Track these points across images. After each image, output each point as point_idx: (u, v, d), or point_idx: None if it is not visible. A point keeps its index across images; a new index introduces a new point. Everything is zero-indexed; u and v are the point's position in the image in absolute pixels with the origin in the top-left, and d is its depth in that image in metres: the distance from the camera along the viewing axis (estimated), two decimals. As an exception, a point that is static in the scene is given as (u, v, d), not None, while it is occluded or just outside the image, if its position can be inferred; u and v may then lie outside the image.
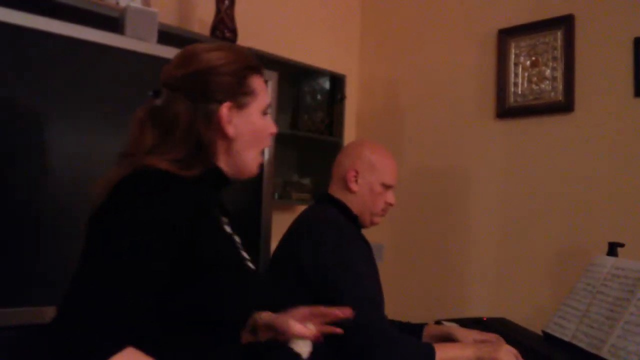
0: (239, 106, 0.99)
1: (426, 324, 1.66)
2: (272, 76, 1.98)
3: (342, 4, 2.89)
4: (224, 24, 2.07)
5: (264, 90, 1.04)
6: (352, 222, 1.57)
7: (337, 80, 2.60)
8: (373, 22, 2.95)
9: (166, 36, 1.74)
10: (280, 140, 2.33)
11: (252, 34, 2.29)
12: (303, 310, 1.13)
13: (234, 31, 2.10)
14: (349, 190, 1.59)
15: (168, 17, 2.11)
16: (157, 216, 0.83)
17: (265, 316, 1.15)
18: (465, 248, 2.43)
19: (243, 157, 1.02)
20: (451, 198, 2.50)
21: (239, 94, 0.99)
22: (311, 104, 2.60)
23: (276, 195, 2.37)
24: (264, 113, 1.04)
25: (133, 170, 0.89)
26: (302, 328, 1.05)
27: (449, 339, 1.54)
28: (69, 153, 1.46)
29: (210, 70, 0.97)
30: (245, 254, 1.04)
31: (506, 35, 2.35)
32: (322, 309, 1.12)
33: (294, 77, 2.59)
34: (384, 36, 2.88)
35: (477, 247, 2.40)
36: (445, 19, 2.61)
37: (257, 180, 1.95)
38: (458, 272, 2.45)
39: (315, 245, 1.41)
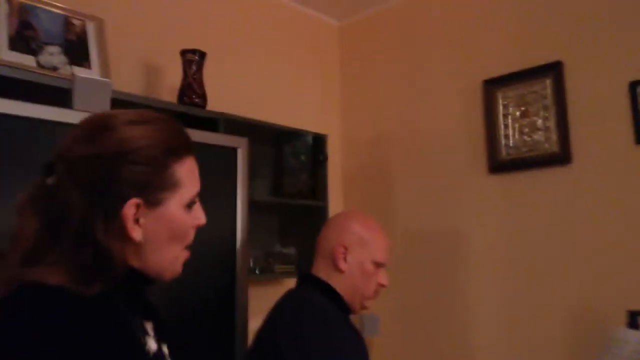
0: (152, 203, 0.79)
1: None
2: (241, 142, 1.83)
3: (319, 60, 2.81)
4: (191, 90, 1.95)
5: (192, 176, 0.84)
6: (338, 307, 1.38)
7: (319, 141, 2.47)
8: (353, 77, 2.85)
9: (129, 106, 1.61)
10: (259, 208, 2.17)
11: (223, 97, 2.18)
12: None
13: (202, 96, 1.98)
14: (337, 269, 1.40)
15: (135, 85, 2.00)
16: None
17: None
18: (468, 316, 2.22)
19: (157, 261, 0.82)
20: (448, 262, 2.31)
21: (154, 189, 0.79)
22: (295, 165, 2.44)
23: (257, 270, 2.18)
24: (190, 204, 0.84)
25: (6, 289, 0.69)
26: None
27: None
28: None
29: (121, 155, 0.77)
30: None
31: (491, 85, 2.23)
32: None
33: (274, 139, 2.45)
34: (366, 91, 2.77)
35: (481, 314, 2.19)
36: (428, 72, 2.50)
37: (229, 254, 1.77)
38: (461, 343, 2.22)
39: (297, 341, 1.22)
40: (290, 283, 2.31)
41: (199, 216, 0.87)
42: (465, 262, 2.26)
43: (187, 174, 0.83)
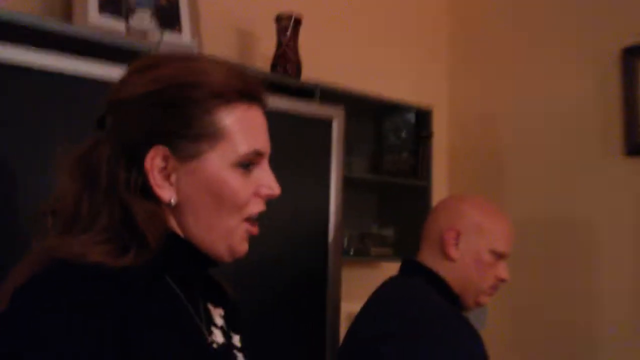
0: (182, 155, 0.65)
1: None
2: (337, 113, 1.69)
3: (426, 26, 2.58)
4: (285, 58, 1.84)
5: (246, 130, 0.68)
6: (450, 302, 1.20)
7: (423, 115, 2.27)
8: (464, 46, 2.58)
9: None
10: (355, 186, 2.03)
11: (319, 67, 2.04)
12: None
13: (297, 65, 1.86)
14: (447, 257, 1.23)
15: (227, 52, 1.92)
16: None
17: None
18: (590, 316, 1.93)
19: (203, 232, 0.68)
20: (569, 254, 2.02)
21: (184, 136, 0.65)
22: (395, 143, 2.28)
23: (351, 251, 2.05)
24: (244, 165, 0.68)
25: (40, 267, 0.60)
26: None
27: None
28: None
29: (148, 95, 0.65)
30: None
31: (632, 54, 1.89)
32: None
33: (373, 113, 2.30)
34: (476, 62, 2.50)
35: (606, 313, 1.89)
36: (552, 40, 2.19)
37: (322, 233, 1.65)
38: (583, 345, 1.94)
39: (404, 348, 1.06)
40: (387, 267, 2.17)
41: (265, 182, 0.70)
42: (589, 255, 1.96)
43: (238, 125, 0.67)
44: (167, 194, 0.66)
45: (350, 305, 1.83)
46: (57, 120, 1.20)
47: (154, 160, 0.65)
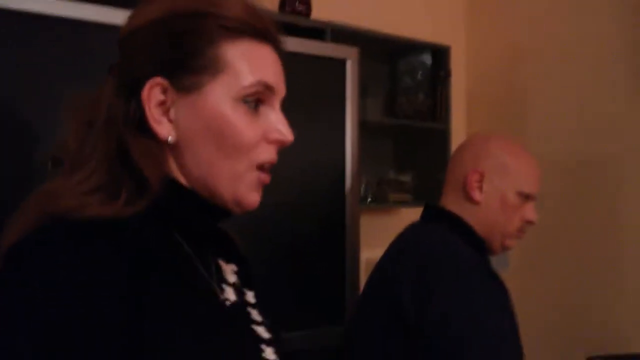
0: (182, 86, 0.60)
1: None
2: (351, 53, 1.60)
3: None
4: (294, -4, 1.74)
5: (251, 64, 0.61)
6: (476, 248, 1.15)
7: (440, 54, 2.17)
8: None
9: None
10: (370, 130, 1.96)
11: (330, 5, 1.93)
12: None
13: (306, 3, 1.76)
14: (470, 200, 1.17)
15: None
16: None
17: None
18: (616, 257, 1.88)
19: (205, 175, 0.62)
20: (596, 195, 1.95)
21: (185, 67, 0.60)
22: (410, 84, 2.20)
23: (369, 198, 2.00)
24: (248, 101, 0.61)
25: (34, 223, 0.55)
26: None
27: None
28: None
29: (151, 25, 0.60)
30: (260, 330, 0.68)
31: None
32: None
33: (387, 53, 2.20)
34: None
35: (634, 256, 1.83)
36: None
37: (338, 180, 1.60)
38: (607, 288, 1.90)
39: (425, 294, 1.03)
40: (406, 213, 2.13)
41: (275, 126, 0.63)
42: (616, 196, 1.89)
43: (244, 57, 0.61)
44: (165, 130, 0.61)
45: (369, 253, 1.81)
46: (70, 69, 1.15)
47: (152, 92, 0.60)
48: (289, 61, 0.71)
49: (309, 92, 1.52)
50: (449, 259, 1.08)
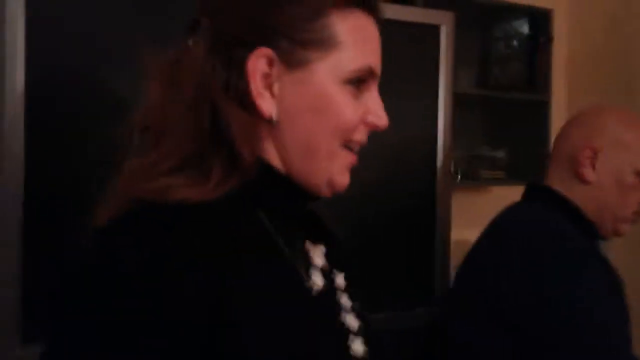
0: (291, 60, 0.57)
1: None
2: (445, 18, 1.50)
3: None
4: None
5: (361, 41, 0.59)
6: (584, 231, 1.06)
7: (540, 18, 2.02)
8: None
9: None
10: (461, 102, 1.85)
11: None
12: None
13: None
14: (581, 179, 1.08)
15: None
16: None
17: None
18: None
19: (302, 155, 0.59)
20: None
21: (295, 40, 0.56)
22: (505, 52, 2.07)
23: (459, 174, 1.90)
24: (354, 82, 0.59)
25: (119, 208, 0.53)
26: None
27: None
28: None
29: None
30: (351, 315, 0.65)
31: None
32: None
33: (478, 20, 2.06)
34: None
35: None
36: None
37: (429, 155, 1.51)
38: None
39: (527, 279, 0.97)
40: (499, 191, 2.03)
41: (374, 110, 0.61)
42: None
43: (353, 34, 0.58)
44: (268, 106, 0.57)
45: (460, 232, 1.72)
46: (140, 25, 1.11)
47: (258, 63, 0.56)
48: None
49: (399, 61, 1.44)
50: (555, 243, 1.00)
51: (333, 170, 0.61)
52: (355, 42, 0.59)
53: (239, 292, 0.51)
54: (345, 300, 0.66)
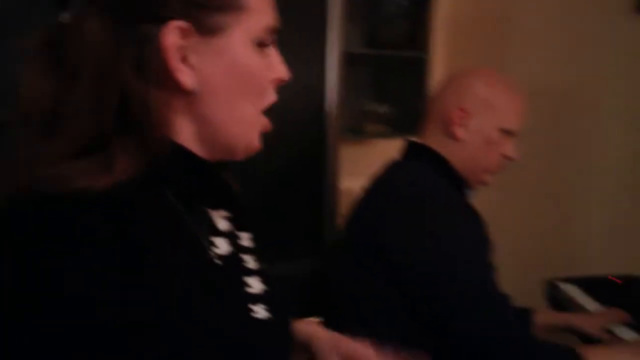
0: (205, 29, 0.54)
1: (533, 310, 1.27)
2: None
3: None
4: None
5: (263, 2, 0.58)
6: (455, 185, 1.16)
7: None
8: None
9: None
10: (349, 60, 1.91)
11: None
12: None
13: None
14: (453, 137, 1.16)
15: None
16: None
17: (313, 331, 0.80)
18: (584, 186, 1.94)
19: (223, 124, 0.58)
20: (569, 124, 1.98)
21: (208, 7, 0.54)
22: (394, 11, 2.11)
23: (347, 129, 1.99)
24: (261, 44, 0.58)
25: (16, 196, 0.47)
26: None
27: (568, 329, 1.16)
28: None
29: None
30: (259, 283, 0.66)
31: None
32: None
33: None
34: None
35: (600, 185, 1.90)
36: None
37: (319, 111, 1.58)
38: (572, 215, 1.98)
39: (405, 230, 1.05)
40: (384, 145, 2.11)
41: (279, 67, 0.61)
42: (589, 124, 1.91)
43: None
44: (187, 79, 0.54)
45: (346, 182, 1.82)
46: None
47: (172, 36, 0.52)
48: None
49: (289, 19, 1.46)
50: (432, 198, 1.08)
51: (254, 134, 0.61)
52: (262, 5, 0.58)
53: (144, 274, 0.48)
54: (251, 263, 0.66)
